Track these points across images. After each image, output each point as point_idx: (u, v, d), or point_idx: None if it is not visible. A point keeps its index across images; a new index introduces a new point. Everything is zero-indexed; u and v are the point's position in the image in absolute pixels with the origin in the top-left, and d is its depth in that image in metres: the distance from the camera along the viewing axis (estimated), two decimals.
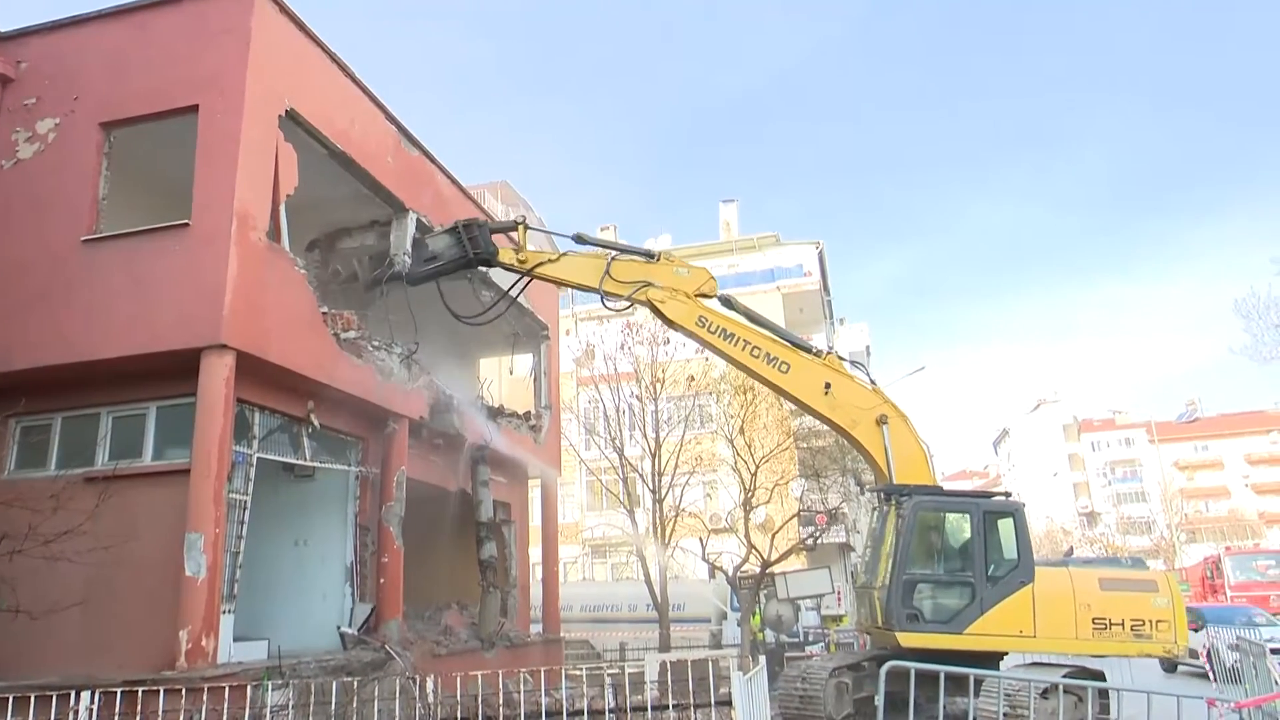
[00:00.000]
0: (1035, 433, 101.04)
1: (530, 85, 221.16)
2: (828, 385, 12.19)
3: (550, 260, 13.04)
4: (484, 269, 13.63)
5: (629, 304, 13.04)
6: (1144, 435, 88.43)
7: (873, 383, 12.69)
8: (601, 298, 12.84)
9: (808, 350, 12.69)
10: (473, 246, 12.77)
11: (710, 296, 12.77)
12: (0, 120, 11.33)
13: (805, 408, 12.99)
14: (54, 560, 8.54)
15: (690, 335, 12.78)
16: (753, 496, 20.27)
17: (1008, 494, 13.67)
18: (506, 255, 12.96)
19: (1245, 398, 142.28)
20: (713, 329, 12.48)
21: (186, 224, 10.21)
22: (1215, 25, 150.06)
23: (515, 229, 13.12)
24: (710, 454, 25.17)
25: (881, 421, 11.99)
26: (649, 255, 13.07)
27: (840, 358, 12.79)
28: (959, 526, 11.74)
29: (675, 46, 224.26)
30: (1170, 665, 18.83)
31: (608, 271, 12.64)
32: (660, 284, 12.59)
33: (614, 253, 13.13)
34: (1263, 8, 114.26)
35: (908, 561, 11.29)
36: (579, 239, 13.47)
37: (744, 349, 12.43)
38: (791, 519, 21.73)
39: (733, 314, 12.84)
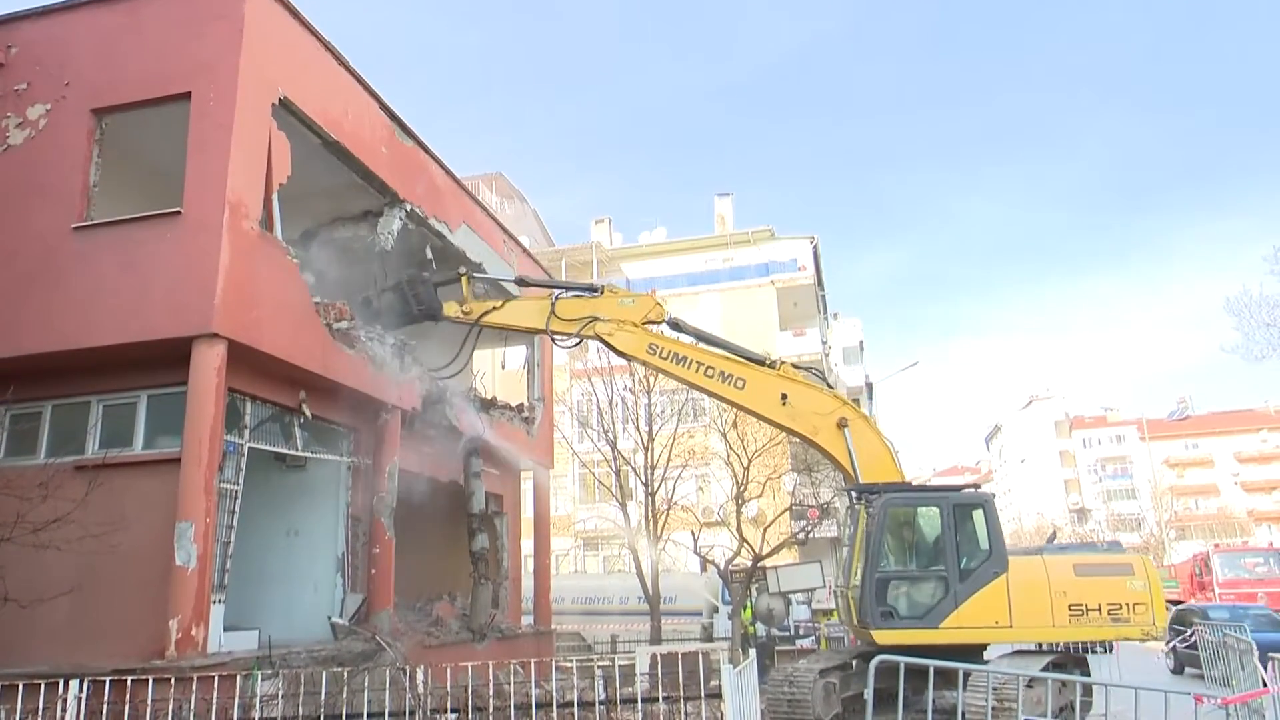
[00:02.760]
0: (1027, 429, 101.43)
1: (525, 76, 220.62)
2: (784, 396, 12.20)
3: (495, 308, 13.25)
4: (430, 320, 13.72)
5: (578, 341, 13.18)
6: (1135, 432, 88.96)
7: (830, 388, 12.72)
8: (551, 337, 13.10)
9: (761, 363, 12.67)
10: (417, 303, 13.09)
11: (658, 322, 12.82)
12: None
13: (766, 420, 12.97)
14: (43, 548, 8.49)
15: (643, 364, 13.02)
16: (745, 490, 20.29)
17: (977, 486, 13.75)
18: (451, 309, 13.26)
19: (1236, 396, 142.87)
20: (664, 355, 12.55)
21: (178, 212, 10.15)
22: (1210, 24, 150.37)
23: (459, 280, 13.27)
24: (703, 448, 25.19)
25: (842, 425, 12.00)
26: (592, 289, 13.20)
27: (796, 366, 12.77)
28: (929, 521, 11.79)
29: (670, 38, 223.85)
30: (1179, 668, 18.94)
31: (553, 311, 12.81)
32: (607, 316, 12.65)
33: (558, 291, 13.35)
34: (1257, 7, 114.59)
35: (879, 559, 11.36)
36: (521, 282, 13.85)
37: (698, 370, 12.47)
38: (783, 513, 21.74)
39: (683, 337, 12.86)
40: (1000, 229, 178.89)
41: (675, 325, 13.05)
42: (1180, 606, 22.86)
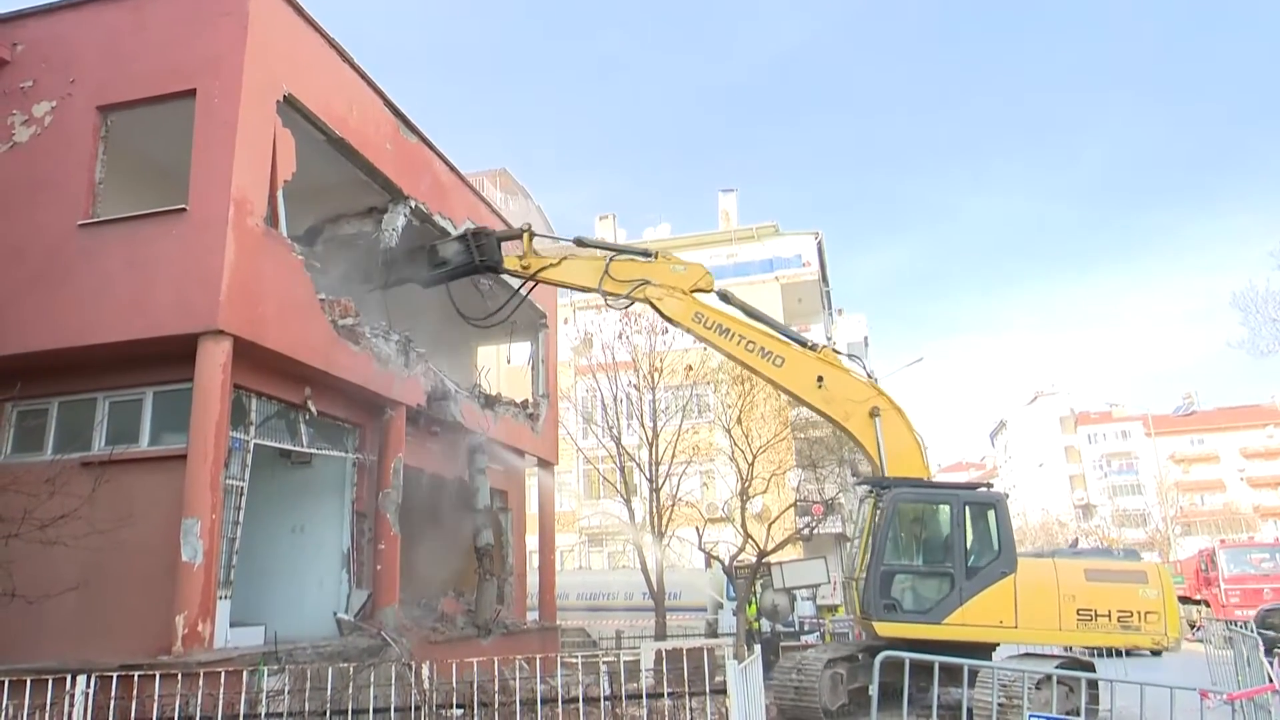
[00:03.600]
0: (1032, 425, 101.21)
1: (529, 72, 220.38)
2: (820, 378, 12.26)
3: (552, 265, 13.47)
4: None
5: (629, 302, 13.39)
6: (1140, 428, 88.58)
7: (869, 375, 12.73)
8: (603, 297, 13.29)
9: (803, 344, 12.80)
10: (480, 254, 13.32)
11: (707, 291, 13.01)
12: None
13: (800, 400, 13.16)
14: (50, 544, 8.52)
15: (687, 330, 13.07)
16: (749, 486, 20.28)
17: (989, 485, 13.77)
18: (511, 262, 13.52)
19: (1242, 391, 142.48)
20: (709, 324, 12.73)
21: (184, 209, 10.17)
22: (1217, 18, 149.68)
23: (521, 236, 13.55)
24: (707, 444, 25.19)
25: (874, 414, 12.02)
26: (646, 254, 13.44)
27: (836, 351, 12.89)
28: (940, 518, 11.79)
29: (676, 34, 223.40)
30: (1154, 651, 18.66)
31: (606, 272, 13.05)
32: (658, 281, 12.87)
33: (612, 253, 13.51)
34: (1263, 2, 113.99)
35: (885, 552, 11.37)
36: (579, 242, 13.98)
37: (739, 343, 12.65)
38: (788, 509, 21.76)
39: (729, 309, 12.99)
40: (1005, 225, 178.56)
41: (724, 297, 13.26)
42: (1267, 607, 22.35)
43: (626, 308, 14.25)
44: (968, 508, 11.60)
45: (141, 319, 9.95)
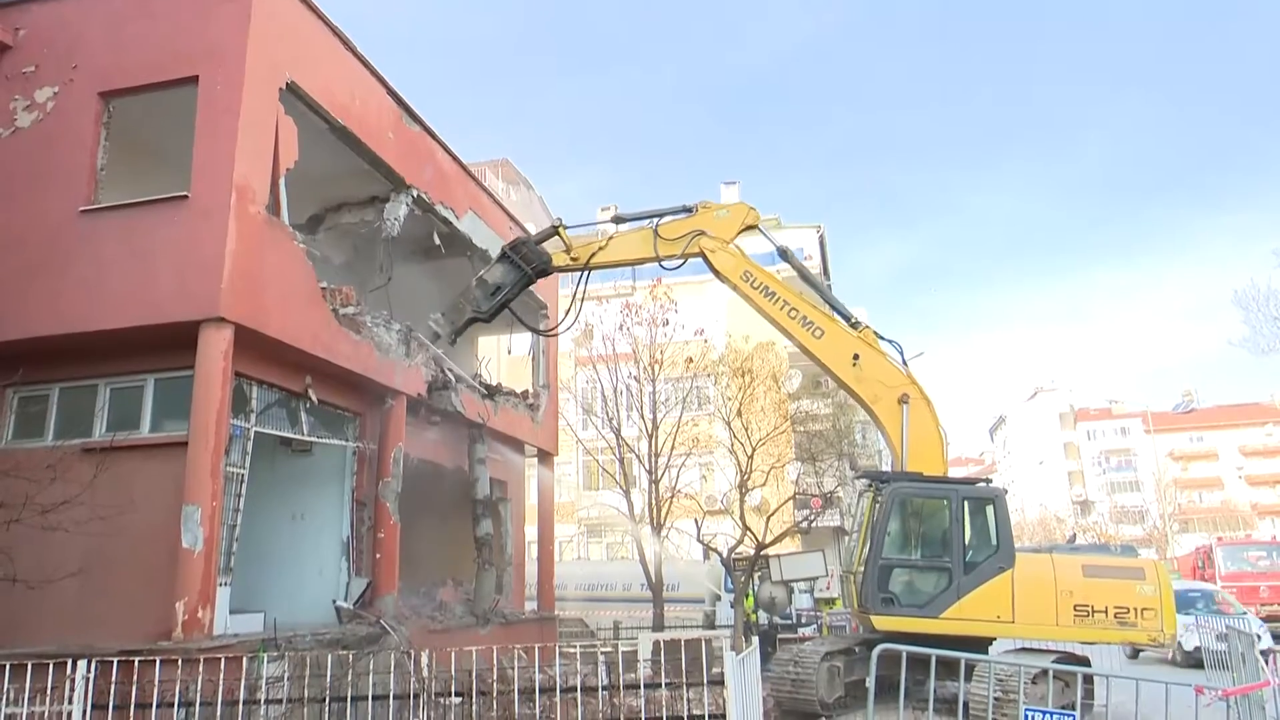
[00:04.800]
0: (1032, 420, 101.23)
1: (531, 62, 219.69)
2: (856, 356, 12.29)
3: (600, 248, 13.31)
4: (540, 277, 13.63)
5: (682, 262, 13.24)
6: (1139, 425, 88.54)
7: (905, 364, 12.70)
8: (660, 263, 13.16)
9: (847, 319, 12.80)
10: (526, 263, 13.00)
11: (753, 227, 13.17)
12: None
13: (832, 375, 13.12)
14: (51, 530, 8.55)
15: (733, 287, 13.07)
16: (749, 479, 20.31)
17: (988, 480, 13.77)
18: (559, 259, 13.28)
19: (1242, 390, 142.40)
20: (756, 284, 12.81)
21: (185, 196, 10.15)
22: (1222, 16, 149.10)
23: (555, 234, 13.31)
24: (707, 436, 25.20)
25: (904, 401, 12.05)
26: (686, 209, 13.26)
27: (878, 334, 12.80)
28: (939, 512, 11.79)
29: (677, 27, 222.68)
30: (1133, 651, 18.69)
31: (657, 235, 12.96)
32: (711, 232, 12.88)
33: (654, 220, 13.29)
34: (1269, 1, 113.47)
35: (883, 546, 11.38)
36: (618, 219, 13.72)
37: (782, 308, 12.68)
38: (787, 502, 21.80)
39: (781, 271, 12.78)
40: (1007, 221, 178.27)
41: (783, 254, 13.34)
42: None
43: (679, 267, 13.76)
44: (966, 502, 11.60)
45: (143, 306, 9.95)
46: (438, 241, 15.48)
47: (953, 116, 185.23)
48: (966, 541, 11.42)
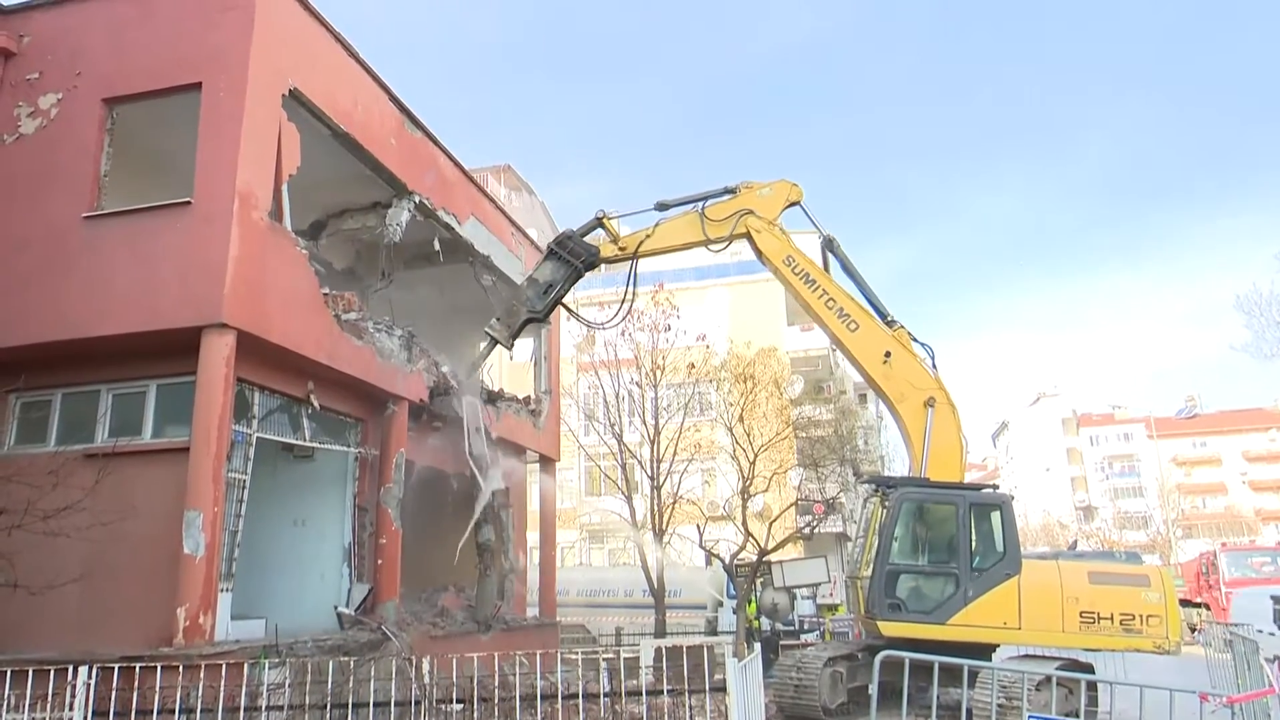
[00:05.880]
0: (1034, 426, 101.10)
1: (533, 68, 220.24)
2: (888, 354, 12.32)
3: (648, 236, 13.36)
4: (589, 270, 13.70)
5: (729, 242, 13.34)
6: (1143, 430, 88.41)
7: (935, 368, 12.70)
8: (708, 246, 13.29)
9: (884, 316, 12.84)
10: (575, 258, 13.05)
11: (797, 202, 13.31)
12: (2, 95, 11.28)
13: (860, 370, 13.18)
14: (53, 536, 8.55)
15: (774, 271, 13.19)
16: (751, 485, 20.29)
17: (995, 486, 13.75)
18: (607, 250, 13.38)
19: (1245, 395, 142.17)
20: (797, 270, 12.94)
21: (188, 202, 10.18)
22: (1224, 18, 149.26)
23: (600, 226, 13.39)
24: (709, 441, 25.19)
25: (929, 404, 12.05)
26: (729, 191, 13.36)
27: (912, 336, 12.83)
28: (946, 518, 11.79)
29: (680, 30, 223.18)
30: None
31: (705, 217, 13.06)
32: (757, 211, 13.04)
33: (699, 205, 13.37)
34: (1271, 1, 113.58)
35: (890, 552, 11.37)
36: (660, 206, 13.65)
37: (821, 298, 12.80)
38: (789, 508, 21.74)
39: (824, 260, 13.17)
40: (1010, 225, 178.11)
41: (830, 244, 13.38)
42: None
43: (724, 248, 13.88)
44: (973, 509, 11.60)
45: (145, 312, 9.96)
46: (439, 247, 15.50)
47: (952, 119, 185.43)
48: (973, 547, 11.41)
